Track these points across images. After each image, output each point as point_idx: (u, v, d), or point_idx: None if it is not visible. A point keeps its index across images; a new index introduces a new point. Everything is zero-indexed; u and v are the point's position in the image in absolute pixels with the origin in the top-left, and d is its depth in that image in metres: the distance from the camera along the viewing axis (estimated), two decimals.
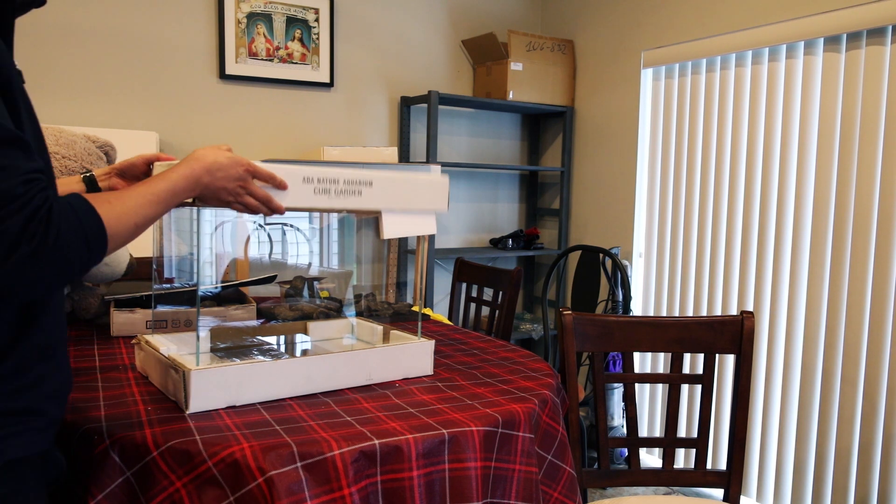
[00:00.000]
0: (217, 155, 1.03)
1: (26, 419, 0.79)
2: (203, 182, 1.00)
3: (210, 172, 1.01)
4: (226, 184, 1.03)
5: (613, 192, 3.14)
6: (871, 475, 2.21)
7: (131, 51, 2.58)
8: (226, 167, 1.03)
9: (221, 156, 1.03)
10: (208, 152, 1.03)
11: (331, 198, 1.13)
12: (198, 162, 1.00)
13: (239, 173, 1.04)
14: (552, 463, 1.20)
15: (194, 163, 1.00)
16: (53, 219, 0.72)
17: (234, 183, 1.04)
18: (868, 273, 2.21)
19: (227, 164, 1.03)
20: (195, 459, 0.92)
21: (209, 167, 1.01)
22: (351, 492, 0.91)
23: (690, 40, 2.73)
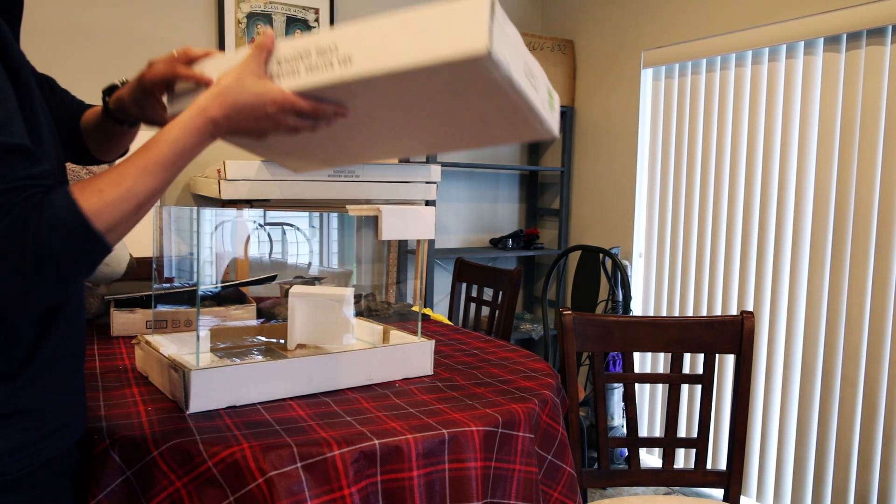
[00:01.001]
0: (239, 92, 0.87)
1: (59, 415, 0.79)
2: (222, 128, 0.87)
3: (228, 117, 0.87)
4: (253, 125, 0.89)
5: (613, 192, 3.14)
6: (871, 475, 2.21)
7: (131, 51, 2.58)
8: (250, 107, 0.87)
9: (245, 93, 0.87)
10: (230, 87, 0.87)
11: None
12: (213, 104, 0.86)
13: (268, 112, 0.88)
14: (552, 463, 1.20)
15: (208, 106, 0.86)
16: (31, 229, 0.67)
17: (264, 123, 0.89)
18: (868, 273, 2.21)
19: (252, 104, 0.87)
20: (195, 459, 0.92)
21: (227, 111, 0.86)
22: (351, 492, 0.91)
23: (690, 40, 2.73)
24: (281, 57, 0.89)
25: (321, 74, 0.86)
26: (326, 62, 0.86)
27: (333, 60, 0.85)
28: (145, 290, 1.71)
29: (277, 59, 0.89)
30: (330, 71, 0.85)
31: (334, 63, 0.85)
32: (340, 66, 0.84)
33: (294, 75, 0.88)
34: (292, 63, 0.89)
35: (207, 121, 0.85)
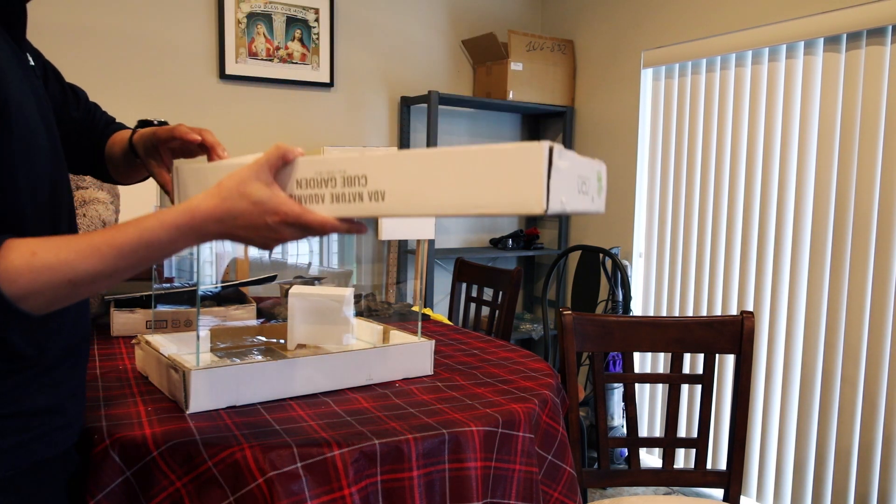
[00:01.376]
0: (239, 198, 0.76)
1: (50, 419, 0.79)
2: (209, 234, 0.77)
3: (221, 222, 0.76)
4: (251, 235, 0.78)
5: (613, 192, 3.14)
6: (871, 475, 2.21)
7: (131, 51, 2.58)
8: (248, 216, 0.76)
9: (244, 199, 0.76)
10: (230, 189, 0.77)
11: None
12: (206, 204, 0.76)
13: (268, 222, 0.77)
14: (552, 463, 1.20)
15: (200, 207, 0.76)
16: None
17: (264, 233, 0.78)
18: (868, 273, 2.21)
19: (250, 213, 0.76)
20: (195, 459, 0.92)
21: (220, 216, 0.76)
22: (351, 492, 0.91)
23: (690, 40, 2.73)
24: (302, 177, 0.80)
25: (349, 208, 0.77)
26: (354, 194, 0.77)
27: (363, 194, 0.77)
28: (145, 290, 1.71)
29: (297, 179, 0.80)
30: (358, 205, 0.77)
31: (364, 197, 0.77)
32: (371, 202, 0.76)
33: (317, 203, 0.79)
34: (315, 189, 0.79)
35: (193, 223, 0.76)
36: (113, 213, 1.56)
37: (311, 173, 0.79)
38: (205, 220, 0.76)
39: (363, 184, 0.76)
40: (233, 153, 3.00)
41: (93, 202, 1.51)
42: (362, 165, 0.76)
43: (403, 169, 0.74)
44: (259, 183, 0.77)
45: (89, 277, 0.71)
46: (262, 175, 0.78)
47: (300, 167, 0.80)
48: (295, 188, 0.80)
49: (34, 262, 0.68)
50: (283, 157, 0.80)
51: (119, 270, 0.73)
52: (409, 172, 0.74)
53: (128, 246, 0.73)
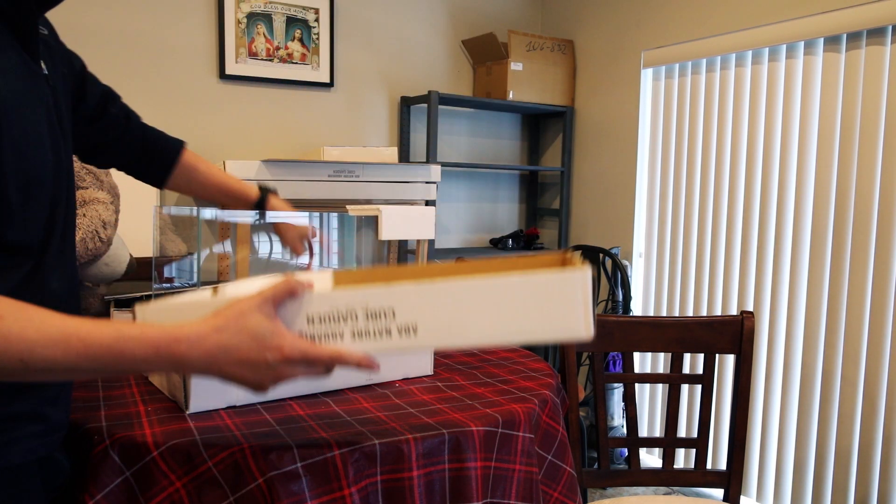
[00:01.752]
0: (237, 331, 0.70)
1: (26, 425, 0.77)
2: (190, 365, 0.70)
3: (209, 356, 0.69)
4: (240, 371, 0.71)
5: (613, 192, 3.14)
6: (871, 475, 2.21)
7: (131, 51, 2.58)
8: (244, 352, 0.70)
9: (242, 333, 0.70)
10: (228, 319, 0.70)
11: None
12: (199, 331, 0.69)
13: (268, 360, 0.71)
14: (552, 463, 1.20)
15: (193, 335, 0.69)
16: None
17: (262, 373, 0.71)
18: (868, 273, 2.21)
19: (247, 349, 0.70)
20: (195, 459, 0.92)
21: (211, 349, 0.69)
22: (351, 492, 0.91)
23: (690, 40, 2.73)
24: (314, 314, 0.73)
25: (375, 343, 0.72)
26: (381, 328, 0.72)
27: (391, 328, 0.71)
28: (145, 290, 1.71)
29: (309, 316, 0.73)
30: (387, 340, 0.72)
31: (392, 331, 0.71)
32: (402, 336, 0.72)
33: (334, 341, 0.73)
34: (332, 325, 0.73)
35: (175, 349, 0.69)
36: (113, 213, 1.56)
37: (326, 308, 0.73)
38: (190, 351, 0.69)
39: (391, 317, 0.72)
40: (233, 153, 3.00)
41: (93, 202, 1.51)
42: (389, 298, 0.71)
43: (437, 301, 0.70)
44: (261, 316, 0.71)
45: (45, 365, 0.65)
46: (264, 308, 0.72)
47: (311, 302, 0.73)
48: (305, 325, 0.74)
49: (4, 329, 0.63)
50: (290, 293, 0.74)
51: (80, 370, 0.66)
52: (444, 304, 0.70)
53: (98, 348, 0.66)
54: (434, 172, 2.68)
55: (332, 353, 0.73)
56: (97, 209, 1.50)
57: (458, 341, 0.71)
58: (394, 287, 0.70)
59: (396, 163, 2.64)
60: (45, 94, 0.80)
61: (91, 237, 1.47)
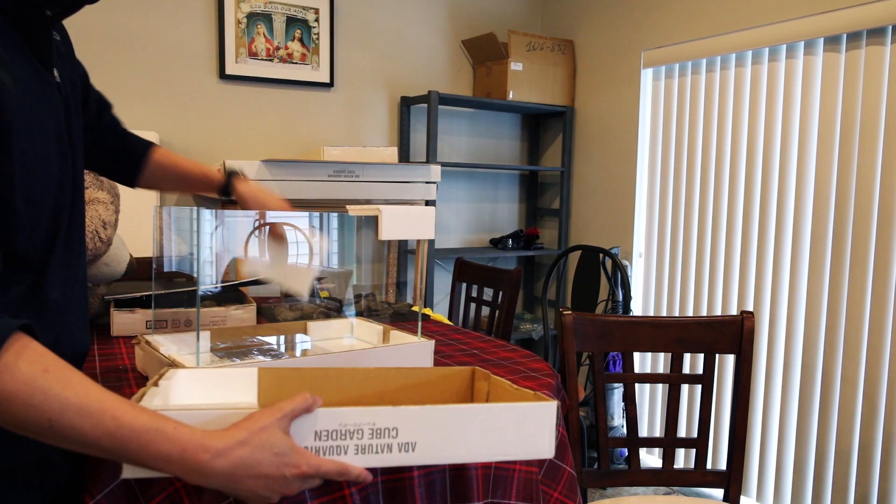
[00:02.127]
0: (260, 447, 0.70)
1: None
2: (211, 479, 0.68)
3: (231, 471, 0.69)
4: (256, 485, 0.71)
5: (613, 192, 3.14)
6: (871, 475, 2.21)
7: (131, 51, 2.58)
8: (265, 465, 0.70)
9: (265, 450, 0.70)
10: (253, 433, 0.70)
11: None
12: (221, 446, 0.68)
13: (285, 476, 0.72)
14: (552, 463, 1.20)
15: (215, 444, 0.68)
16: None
17: (274, 486, 0.72)
18: (868, 273, 2.21)
19: (270, 463, 0.70)
20: None
21: (234, 463, 0.68)
22: (351, 492, 0.91)
23: (690, 40, 2.73)
24: (322, 429, 0.77)
25: (376, 459, 0.78)
26: (383, 446, 0.78)
27: (393, 446, 0.78)
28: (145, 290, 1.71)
29: (317, 431, 0.77)
30: (387, 456, 0.78)
31: (394, 448, 0.78)
32: (402, 452, 0.79)
33: (338, 455, 0.77)
34: (337, 441, 0.77)
35: (203, 458, 0.67)
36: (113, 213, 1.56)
37: (335, 425, 0.77)
38: (213, 462, 0.68)
39: (394, 436, 0.79)
40: (233, 153, 2.99)
41: (93, 202, 1.51)
42: (394, 419, 0.78)
43: (436, 422, 0.79)
44: (280, 433, 0.73)
45: (70, 433, 0.64)
46: (282, 424, 0.73)
47: (321, 418, 0.77)
48: (312, 440, 0.77)
49: (38, 379, 0.62)
50: (306, 410, 0.75)
51: (100, 448, 0.65)
52: (441, 425, 0.79)
53: (128, 431, 0.65)
54: (434, 172, 2.68)
55: (340, 468, 0.75)
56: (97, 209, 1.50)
57: (448, 458, 0.81)
58: (402, 409, 0.78)
59: (396, 163, 2.64)
60: (56, 103, 0.80)
61: (91, 237, 1.48)
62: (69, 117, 0.84)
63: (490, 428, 0.81)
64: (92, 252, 1.49)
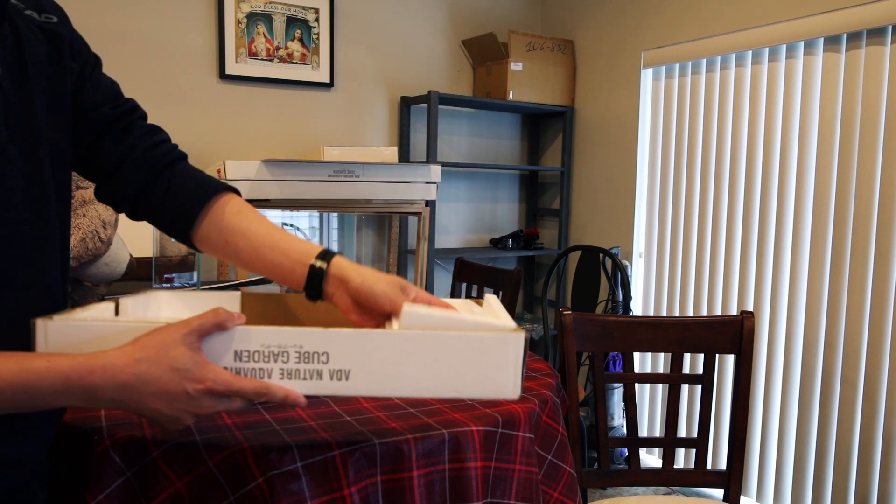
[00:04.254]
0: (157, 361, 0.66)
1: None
2: (104, 397, 0.65)
3: (125, 387, 0.65)
4: (157, 405, 0.67)
5: (613, 192, 3.14)
6: (871, 475, 2.21)
7: (131, 51, 2.59)
8: (163, 382, 0.67)
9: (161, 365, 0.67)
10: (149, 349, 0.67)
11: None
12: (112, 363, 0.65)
13: (188, 392, 0.68)
14: (552, 463, 1.20)
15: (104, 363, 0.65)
16: None
17: (179, 405, 0.68)
18: (868, 273, 2.21)
19: (168, 380, 0.67)
20: (195, 459, 0.92)
21: (127, 380, 0.65)
22: (351, 492, 0.91)
23: (690, 40, 2.73)
24: (243, 350, 0.71)
25: (304, 385, 0.71)
26: (312, 371, 0.72)
27: (323, 372, 0.71)
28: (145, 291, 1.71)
29: (237, 352, 0.71)
30: (316, 383, 0.72)
31: (324, 374, 0.71)
32: (334, 381, 0.72)
33: (261, 378, 0.72)
34: (260, 363, 0.71)
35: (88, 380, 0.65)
36: (113, 213, 1.56)
37: (257, 345, 0.72)
38: (103, 382, 0.65)
39: (324, 361, 0.71)
40: (233, 153, 3.00)
41: (93, 202, 1.51)
42: (324, 342, 0.71)
43: (373, 349, 0.70)
44: (184, 347, 0.68)
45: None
46: (188, 339, 0.69)
47: (241, 337, 0.72)
48: (232, 360, 0.72)
49: None
50: (218, 326, 0.71)
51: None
52: (379, 353, 0.70)
53: (1, 381, 0.61)
54: (434, 172, 2.68)
55: (259, 385, 0.70)
56: (97, 209, 1.51)
57: (388, 391, 0.72)
58: (332, 331, 0.70)
59: (396, 163, 2.64)
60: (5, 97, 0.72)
61: (91, 237, 1.48)
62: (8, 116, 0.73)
63: (439, 359, 0.71)
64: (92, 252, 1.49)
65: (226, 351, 0.71)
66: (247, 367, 0.72)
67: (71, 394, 0.65)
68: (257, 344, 0.72)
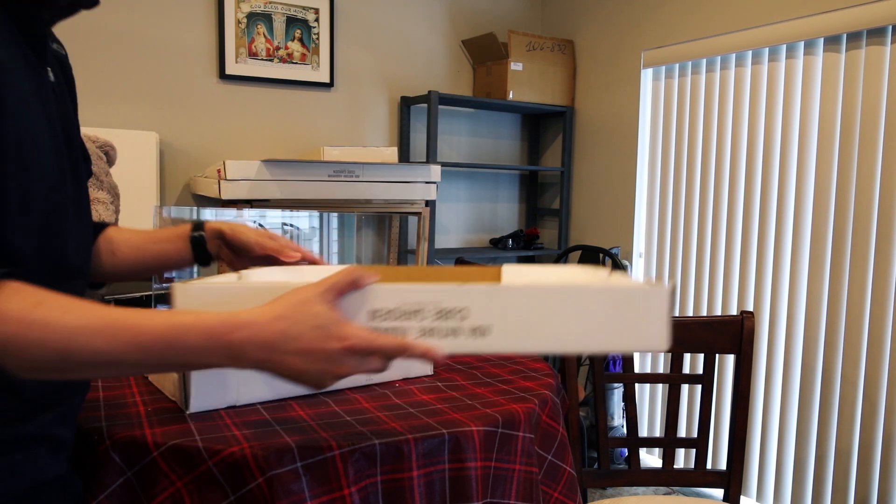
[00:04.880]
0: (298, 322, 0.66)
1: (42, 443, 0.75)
2: (247, 356, 0.65)
3: (267, 346, 0.65)
4: (300, 364, 0.66)
5: (613, 192, 3.14)
6: (871, 475, 2.21)
7: (131, 51, 2.58)
8: (305, 339, 0.66)
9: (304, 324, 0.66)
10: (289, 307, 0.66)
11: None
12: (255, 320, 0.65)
13: (328, 351, 0.67)
14: (552, 463, 1.20)
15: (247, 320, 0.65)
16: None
17: (315, 364, 0.67)
18: (868, 273, 2.21)
19: (310, 337, 0.66)
20: (195, 459, 0.92)
21: (269, 338, 0.65)
22: (351, 492, 0.91)
23: (690, 40, 2.73)
24: (380, 308, 0.70)
25: (442, 342, 0.70)
26: (450, 328, 0.70)
27: (463, 327, 0.70)
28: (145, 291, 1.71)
29: (373, 310, 0.70)
30: (455, 340, 0.70)
31: (463, 330, 0.70)
32: (472, 337, 0.70)
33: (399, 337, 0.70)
34: (398, 321, 0.70)
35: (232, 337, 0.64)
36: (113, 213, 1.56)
37: (392, 304, 0.70)
38: (249, 339, 0.64)
39: (463, 317, 0.70)
40: (233, 153, 3.00)
41: (93, 202, 1.51)
42: (464, 298, 0.69)
43: (514, 304, 0.69)
44: (324, 305, 0.67)
45: (89, 356, 0.60)
46: (327, 297, 0.68)
47: (376, 295, 0.70)
48: (367, 319, 0.71)
49: (32, 314, 0.58)
50: (353, 284, 0.70)
51: (126, 363, 0.62)
52: (521, 308, 0.69)
53: (148, 335, 0.62)
54: (434, 172, 2.68)
55: (399, 343, 0.68)
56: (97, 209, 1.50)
57: (529, 347, 0.71)
58: (470, 286, 0.68)
59: (396, 163, 2.64)
60: (49, 99, 0.77)
61: None
62: (64, 120, 0.79)
63: (584, 314, 0.69)
64: None
65: (360, 310, 0.70)
66: (383, 325, 0.71)
67: (215, 351, 0.64)
68: (393, 302, 0.70)
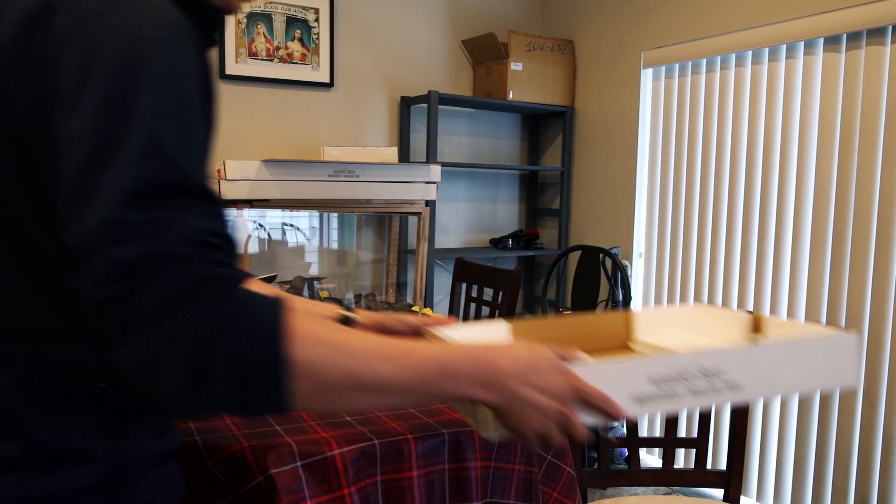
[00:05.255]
0: (535, 354, 0.69)
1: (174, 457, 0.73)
2: (504, 384, 0.66)
3: (521, 375, 0.67)
4: (538, 399, 0.68)
5: (613, 192, 3.14)
6: (871, 475, 2.21)
7: None
8: (547, 373, 0.68)
9: (542, 357, 0.69)
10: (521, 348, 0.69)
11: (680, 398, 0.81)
12: (503, 351, 0.68)
13: (561, 388, 0.69)
14: (552, 463, 1.20)
15: (498, 350, 0.68)
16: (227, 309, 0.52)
17: (550, 402, 0.68)
18: (868, 273, 2.21)
19: (548, 369, 0.68)
20: (195, 459, 0.92)
21: (521, 367, 0.67)
22: (351, 491, 0.91)
23: (690, 40, 2.73)
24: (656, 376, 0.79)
25: (706, 399, 0.82)
26: (711, 386, 0.82)
27: (719, 385, 0.82)
28: None
29: (652, 378, 0.79)
30: (715, 396, 0.83)
31: (721, 388, 0.83)
32: (729, 392, 0.83)
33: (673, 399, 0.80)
34: (670, 384, 0.80)
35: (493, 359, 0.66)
36: None
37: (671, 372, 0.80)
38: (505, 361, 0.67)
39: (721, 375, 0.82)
40: (233, 153, 2.99)
41: None
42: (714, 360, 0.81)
43: (761, 360, 0.84)
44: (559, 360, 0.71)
45: (378, 384, 0.59)
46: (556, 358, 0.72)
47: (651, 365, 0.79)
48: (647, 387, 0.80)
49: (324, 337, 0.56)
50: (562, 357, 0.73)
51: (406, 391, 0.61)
52: (765, 362, 0.84)
53: (427, 362, 0.62)
54: (434, 172, 2.68)
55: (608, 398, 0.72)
56: None
57: (769, 394, 0.86)
58: (718, 352, 0.82)
59: (396, 163, 2.64)
60: None
61: None
62: None
63: (805, 361, 0.85)
64: None
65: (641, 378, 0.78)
66: (662, 391, 0.80)
67: (480, 375, 0.66)
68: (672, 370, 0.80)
